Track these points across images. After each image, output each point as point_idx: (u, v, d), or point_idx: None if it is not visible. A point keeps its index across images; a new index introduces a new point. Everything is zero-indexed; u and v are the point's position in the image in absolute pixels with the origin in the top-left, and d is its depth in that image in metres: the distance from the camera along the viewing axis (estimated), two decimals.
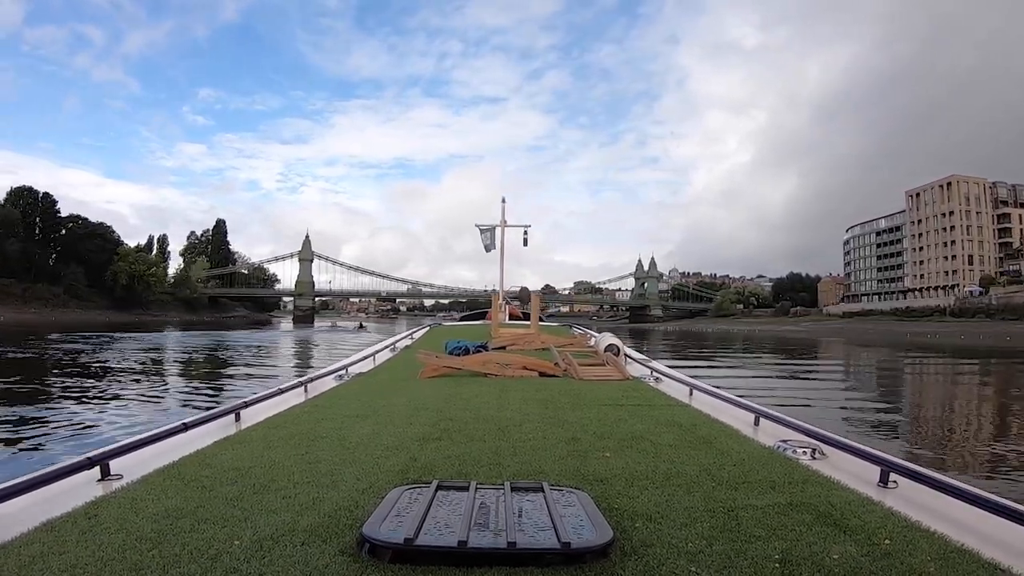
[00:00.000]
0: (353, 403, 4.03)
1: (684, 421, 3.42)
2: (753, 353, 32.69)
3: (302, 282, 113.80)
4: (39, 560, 1.50)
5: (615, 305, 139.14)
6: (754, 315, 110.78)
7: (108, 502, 1.94)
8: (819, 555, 1.58)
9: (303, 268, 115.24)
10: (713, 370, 20.37)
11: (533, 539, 1.58)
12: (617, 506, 1.96)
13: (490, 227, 13.57)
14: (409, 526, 1.60)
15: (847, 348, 39.46)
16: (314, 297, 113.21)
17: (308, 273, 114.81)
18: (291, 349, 31.22)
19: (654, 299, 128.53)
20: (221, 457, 2.53)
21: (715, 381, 8.96)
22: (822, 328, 78.90)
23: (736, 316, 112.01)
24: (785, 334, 66.38)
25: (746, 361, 26.59)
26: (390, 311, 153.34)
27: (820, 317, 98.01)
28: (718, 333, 70.86)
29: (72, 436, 7.57)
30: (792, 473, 2.36)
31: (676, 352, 31.95)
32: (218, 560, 1.51)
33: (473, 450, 2.73)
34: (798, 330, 76.51)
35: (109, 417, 8.97)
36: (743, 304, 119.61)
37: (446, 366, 5.68)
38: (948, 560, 1.55)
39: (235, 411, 3.38)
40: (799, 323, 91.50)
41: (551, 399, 4.21)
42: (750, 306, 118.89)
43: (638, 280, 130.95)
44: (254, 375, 16.15)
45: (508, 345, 7.83)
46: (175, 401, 11.12)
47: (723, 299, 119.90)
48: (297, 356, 26.15)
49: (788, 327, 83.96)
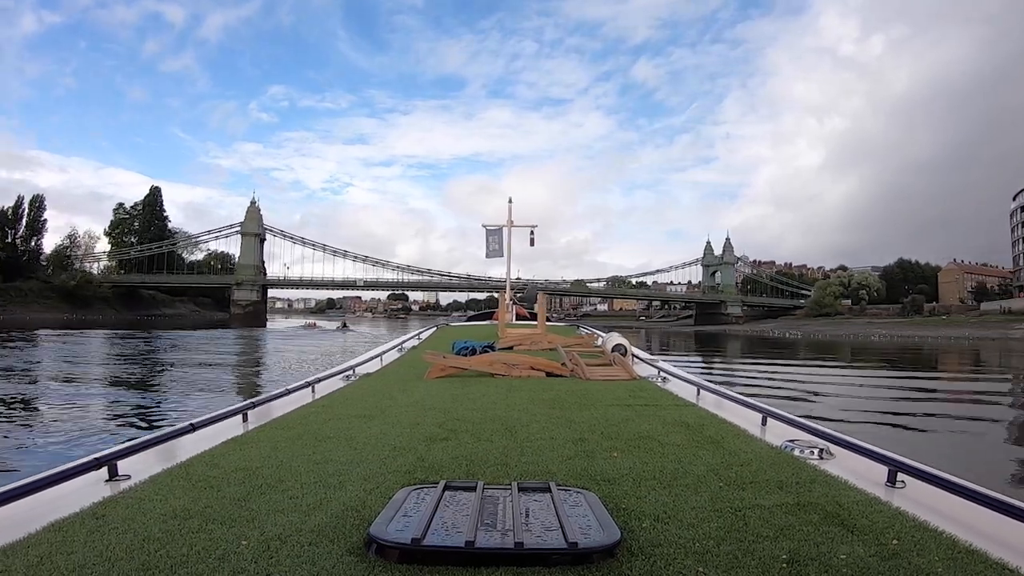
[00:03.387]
0: (360, 403, 4.05)
1: (691, 421, 3.41)
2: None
3: (244, 266, 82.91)
4: (47, 560, 1.51)
5: (668, 301, 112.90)
6: (868, 313, 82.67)
7: (116, 502, 1.96)
8: (827, 555, 1.57)
9: (246, 247, 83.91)
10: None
11: (540, 539, 1.58)
12: (624, 506, 1.95)
13: (497, 228, 13.56)
14: (416, 526, 1.60)
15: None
16: (263, 287, 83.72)
17: (254, 255, 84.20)
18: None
19: (731, 293, 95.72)
20: (229, 457, 2.55)
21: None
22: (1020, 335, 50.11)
23: (844, 315, 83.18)
24: (977, 345, 43.56)
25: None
26: (400, 310, 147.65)
27: (995, 317, 65.69)
28: (861, 343, 47.62)
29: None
30: (800, 473, 2.35)
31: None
32: (225, 560, 1.52)
33: (480, 450, 2.74)
34: (984, 337, 50.78)
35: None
36: (850, 299, 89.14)
37: (453, 366, 5.68)
38: (957, 561, 1.54)
39: (243, 411, 3.40)
40: (957, 325, 63.27)
41: (558, 399, 4.20)
42: (860, 301, 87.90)
43: (707, 269, 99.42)
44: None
45: (515, 345, 7.82)
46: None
47: (824, 292, 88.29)
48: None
49: (949, 332, 57.93)
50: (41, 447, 8.01)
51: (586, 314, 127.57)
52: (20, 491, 1.83)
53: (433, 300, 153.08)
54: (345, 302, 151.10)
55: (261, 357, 25.67)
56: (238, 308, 78.50)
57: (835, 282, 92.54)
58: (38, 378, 15.48)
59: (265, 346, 32.71)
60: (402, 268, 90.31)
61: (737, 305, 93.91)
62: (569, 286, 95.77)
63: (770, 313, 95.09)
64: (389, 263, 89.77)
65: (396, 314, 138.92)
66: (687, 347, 43.00)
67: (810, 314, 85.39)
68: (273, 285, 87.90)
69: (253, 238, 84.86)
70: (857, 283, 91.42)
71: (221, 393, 13.60)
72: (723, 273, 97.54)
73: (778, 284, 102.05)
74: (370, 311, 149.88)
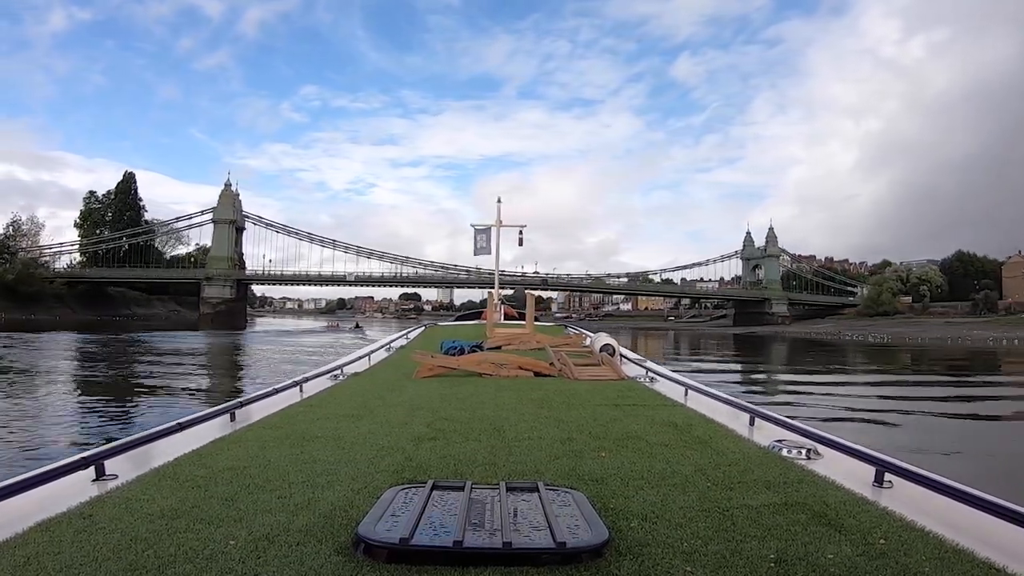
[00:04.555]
0: (348, 403, 4.02)
1: (679, 421, 3.43)
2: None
3: (216, 259, 70.75)
4: (34, 561, 1.49)
5: (700, 299, 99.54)
6: (934, 312, 71.64)
7: (103, 502, 1.93)
8: (814, 555, 1.59)
9: (219, 237, 71.95)
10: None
11: (528, 539, 1.58)
12: (612, 506, 1.96)
13: (485, 228, 13.55)
14: (404, 526, 1.59)
15: None
16: (238, 282, 71.52)
17: (228, 245, 71.86)
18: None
19: (776, 289, 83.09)
20: (216, 457, 2.52)
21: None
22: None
23: (905, 315, 72.39)
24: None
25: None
26: (412, 310, 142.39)
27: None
28: (964, 349, 38.80)
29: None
30: (787, 473, 2.37)
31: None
32: (213, 560, 1.51)
33: (468, 450, 2.73)
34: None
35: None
36: (910, 296, 78.24)
37: (441, 366, 5.67)
38: (943, 560, 1.56)
39: (230, 411, 3.36)
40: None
41: (546, 399, 4.21)
42: (923, 298, 77.31)
43: (747, 263, 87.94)
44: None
45: (503, 345, 7.83)
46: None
47: (881, 288, 76.96)
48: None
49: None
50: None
51: (608, 314, 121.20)
52: (6, 491, 1.79)
53: (447, 300, 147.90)
54: (356, 303, 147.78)
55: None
56: (208, 307, 67.06)
57: (892, 277, 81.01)
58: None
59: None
60: (411, 262, 76.39)
61: (783, 303, 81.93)
62: (591, 282, 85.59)
63: (816, 312, 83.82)
64: (402, 258, 76.54)
65: (407, 314, 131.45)
66: (728, 352, 35.59)
67: (865, 313, 74.62)
68: (251, 280, 75.96)
69: (227, 226, 72.07)
70: (917, 278, 79.87)
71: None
72: (767, 267, 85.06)
73: (822, 280, 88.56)
74: (381, 311, 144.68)
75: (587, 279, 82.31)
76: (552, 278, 72.68)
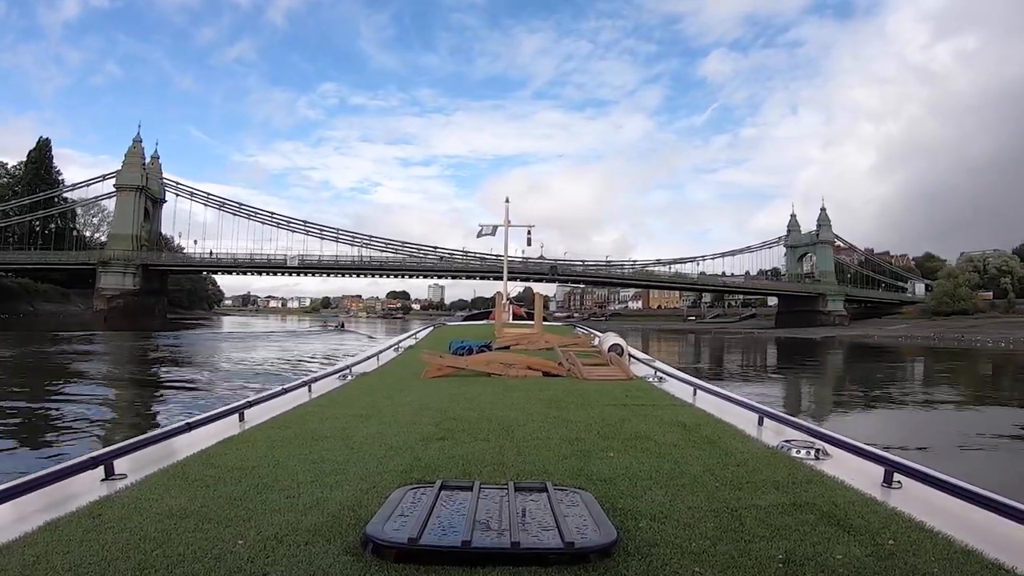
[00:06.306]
0: (357, 403, 4.04)
1: (688, 421, 3.41)
2: None
3: (117, 237, 54.07)
4: (43, 560, 1.51)
5: (724, 292, 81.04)
6: (1017, 310, 60.00)
7: (112, 502, 1.95)
8: (823, 555, 1.58)
9: (122, 208, 55.06)
10: None
11: (537, 539, 1.58)
12: (621, 506, 1.95)
13: (491, 227, 13.57)
14: (413, 526, 1.60)
15: None
16: (145, 268, 53.55)
17: (133, 220, 54.71)
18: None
19: (831, 283, 68.13)
20: (225, 457, 2.54)
21: None
22: None
23: (987, 313, 60.91)
24: None
25: None
26: (399, 310, 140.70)
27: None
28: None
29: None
30: (796, 473, 2.35)
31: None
32: (222, 560, 1.52)
33: (477, 450, 2.73)
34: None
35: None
36: (990, 290, 66.44)
37: (450, 366, 5.68)
38: (952, 561, 1.54)
39: (239, 411, 3.39)
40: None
41: (555, 399, 4.20)
42: (1005, 293, 64.91)
43: (793, 251, 72.67)
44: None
45: (512, 345, 7.82)
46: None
47: (956, 282, 63.71)
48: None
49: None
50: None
51: (616, 313, 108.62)
52: (16, 490, 1.82)
53: (437, 299, 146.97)
54: (343, 302, 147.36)
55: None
56: (102, 302, 50.95)
57: (967, 268, 68.37)
58: None
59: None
60: (408, 248, 59.63)
61: (839, 299, 67.50)
62: (606, 270, 68.64)
63: (870, 311, 71.12)
64: (396, 244, 59.71)
65: (393, 314, 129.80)
66: (824, 374, 21.43)
67: (939, 311, 61.98)
68: (162, 266, 56.80)
69: (134, 194, 54.44)
70: (996, 268, 67.72)
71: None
72: (820, 256, 69.79)
73: (871, 273, 74.00)
74: (366, 311, 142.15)
75: (602, 266, 66.79)
76: (562, 264, 61.16)
